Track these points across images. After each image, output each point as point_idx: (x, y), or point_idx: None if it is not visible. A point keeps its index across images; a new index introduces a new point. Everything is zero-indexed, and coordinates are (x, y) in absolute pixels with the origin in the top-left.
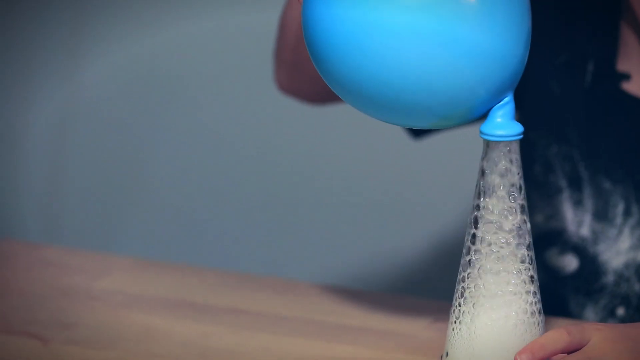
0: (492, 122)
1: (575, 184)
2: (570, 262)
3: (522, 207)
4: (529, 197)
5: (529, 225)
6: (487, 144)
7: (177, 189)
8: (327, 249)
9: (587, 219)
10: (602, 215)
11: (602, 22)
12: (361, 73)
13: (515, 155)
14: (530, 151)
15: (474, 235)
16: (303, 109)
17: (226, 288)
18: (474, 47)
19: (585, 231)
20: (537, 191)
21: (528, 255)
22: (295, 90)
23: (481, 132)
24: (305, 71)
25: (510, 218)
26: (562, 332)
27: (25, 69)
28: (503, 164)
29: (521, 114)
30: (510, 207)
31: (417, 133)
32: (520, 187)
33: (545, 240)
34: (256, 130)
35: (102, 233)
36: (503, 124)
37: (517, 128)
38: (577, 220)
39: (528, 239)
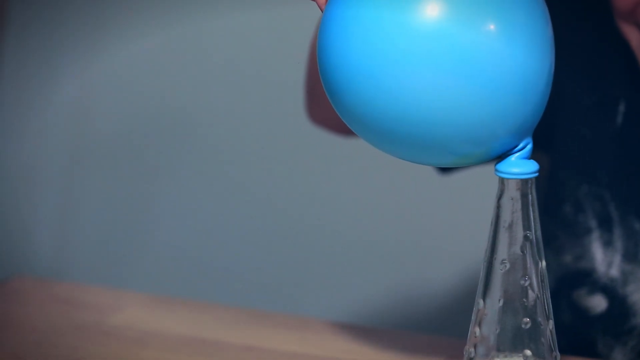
0: (508, 159)
1: (606, 225)
2: (600, 303)
3: (537, 246)
4: (557, 236)
5: (544, 263)
6: (503, 182)
7: (189, 225)
8: (341, 286)
9: (617, 259)
10: (632, 256)
11: (632, 62)
12: (374, 106)
13: (532, 193)
14: (560, 190)
15: (488, 274)
16: (316, 145)
17: (239, 325)
18: (493, 79)
19: (615, 272)
20: (566, 231)
21: (541, 294)
22: (327, 121)
23: (496, 170)
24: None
25: (525, 256)
26: None
27: (36, 107)
28: (518, 202)
29: (551, 154)
30: (525, 245)
31: (445, 168)
32: (535, 226)
33: (574, 280)
34: (269, 166)
35: (114, 269)
36: (519, 161)
37: (533, 166)
38: (606, 261)
39: (544, 279)
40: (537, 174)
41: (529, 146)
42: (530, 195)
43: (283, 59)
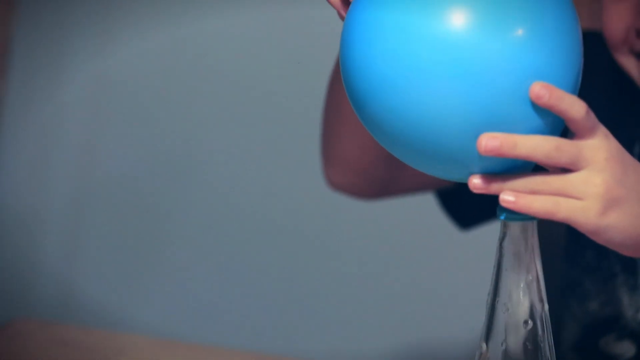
0: None
1: (630, 269)
2: (628, 349)
3: (539, 289)
4: (581, 283)
5: (546, 306)
6: (505, 225)
7: (193, 269)
8: (346, 330)
9: None
10: None
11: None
12: (398, 115)
13: (533, 237)
14: (582, 237)
15: (490, 317)
16: (319, 194)
17: None
18: (519, 88)
19: None
20: (591, 277)
21: (544, 337)
22: (345, 185)
23: (498, 213)
24: (355, 165)
25: (528, 299)
26: (551, 141)
27: (42, 149)
28: (521, 245)
29: None
30: (527, 288)
31: (466, 224)
32: (537, 268)
33: (601, 327)
34: (273, 210)
35: (118, 312)
36: None
37: None
38: (634, 305)
39: (546, 321)
40: (537, 218)
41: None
42: (531, 239)
43: (287, 104)
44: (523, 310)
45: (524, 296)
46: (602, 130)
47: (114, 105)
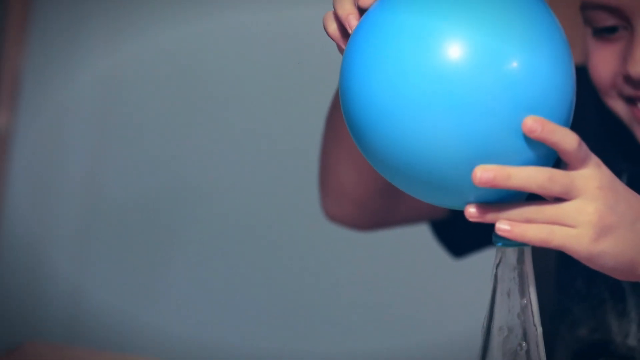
0: None
1: (618, 295)
2: None
3: (534, 313)
4: (571, 310)
5: (540, 329)
6: (501, 252)
7: (199, 291)
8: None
9: (633, 329)
10: None
11: (631, 135)
12: (396, 145)
13: (528, 263)
14: (571, 266)
15: (486, 340)
16: (312, 220)
17: None
18: (514, 119)
19: (632, 341)
20: (580, 304)
21: (538, 359)
22: (342, 216)
23: (494, 240)
24: (352, 196)
25: (523, 323)
26: (544, 172)
27: (49, 170)
28: (516, 271)
29: None
30: (522, 312)
31: (459, 252)
32: (531, 293)
33: (591, 353)
34: (275, 240)
35: (126, 334)
36: None
37: None
38: (623, 331)
39: (540, 344)
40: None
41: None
42: (526, 264)
43: (285, 138)
44: (518, 334)
45: (519, 320)
46: (594, 160)
47: (121, 119)
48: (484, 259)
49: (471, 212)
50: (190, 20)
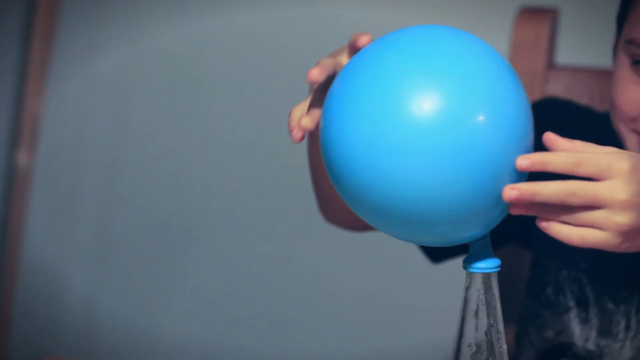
0: (474, 256)
1: (583, 304)
2: None
3: (499, 330)
4: (541, 314)
5: (505, 346)
6: (470, 275)
7: (208, 310)
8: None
9: (593, 334)
10: (606, 332)
11: None
12: (369, 190)
13: (495, 286)
14: (543, 274)
15: (457, 356)
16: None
17: None
18: (481, 168)
19: (591, 345)
20: (549, 310)
21: None
22: (335, 221)
23: (464, 265)
24: (338, 204)
25: (490, 340)
26: (573, 156)
27: (66, 199)
28: (483, 293)
29: (536, 244)
30: (489, 330)
31: (437, 258)
32: (497, 313)
33: (555, 354)
34: (283, 245)
35: (136, 348)
36: (484, 258)
37: (495, 262)
38: (584, 336)
39: (504, 359)
40: (499, 269)
41: (489, 241)
42: (493, 287)
43: (282, 155)
44: (485, 350)
45: (486, 338)
46: (625, 168)
47: (129, 171)
48: (455, 282)
49: (510, 194)
50: (194, 22)
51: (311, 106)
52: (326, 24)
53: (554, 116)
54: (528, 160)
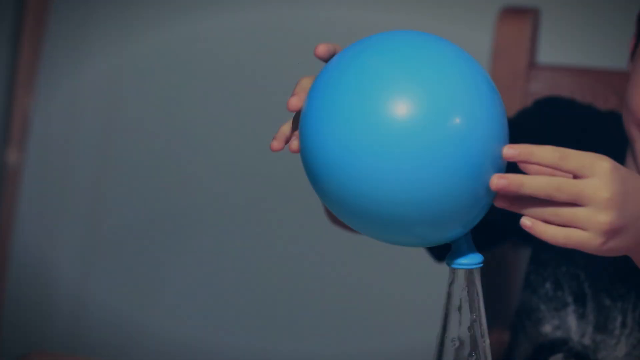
0: (458, 252)
1: (580, 300)
2: None
3: (482, 325)
4: (539, 309)
5: (488, 341)
6: (453, 271)
7: (196, 305)
8: None
9: (589, 330)
10: (602, 327)
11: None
12: (345, 190)
13: (478, 281)
14: (542, 270)
15: (440, 351)
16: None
17: None
18: (454, 170)
19: (587, 340)
20: (547, 304)
21: None
22: (337, 222)
23: (447, 261)
24: None
25: (473, 335)
26: (558, 150)
27: (55, 197)
28: (466, 288)
29: (536, 239)
30: (472, 326)
31: (441, 257)
32: (480, 309)
33: (552, 347)
34: (275, 240)
35: (126, 342)
36: (467, 254)
37: (478, 258)
38: (580, 331)
39: (488, 354)
40: (481, 265)
41: (470, 238)
42: (476, 283)
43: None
44: (468, 345)
45: (469, 333)
46: (605, 167)
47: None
48: (439, 278)
49: (500, 191)
50: (184, 23)
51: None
52: (326, 24)
53: (556, 114)
54: (514, 150)
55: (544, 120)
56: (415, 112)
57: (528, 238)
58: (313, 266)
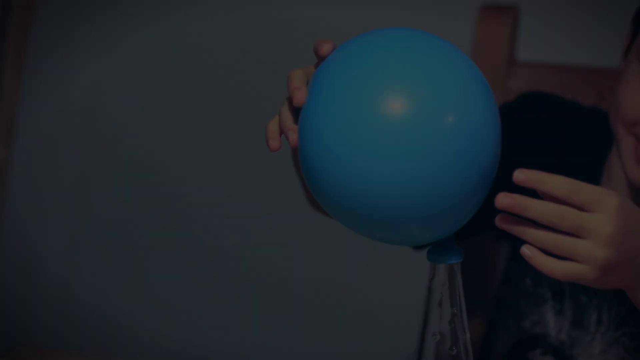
0: (438, 247)
1: (558, 297)
2: None
3: (462, 320)
4: (519, 305)
5: (468, 335)
6: (434, 267)
7: (185, 300)
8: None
9: (566, 326)
10: (578, 323)
11: (590, 154)
12: (341, 187)
13: (458, 277)
14: (522, 265)
15: (421, 344)
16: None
17: None
18: (450, 168)
19: (564, 336)
20: (526, 300)
21: None
22: (320, 208)
23: (428, 256)
24: None
25: (453, 329)
26: (569, 183)
27: (42, 193)
28: (447, 283)
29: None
30: (453, 320)
31: (420, 246)
32: (461, 303)
33: (530, 342)
34: (263, 236)
35: (112, 337)
36: (447, 249)
37: (459, 253)
38: (557, 327)
39: (468, 348)
40: (461, 260)
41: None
42: (456, 278)
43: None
44: (449, 339)
45: (450, 327)
46: (613, 203)
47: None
48: (419, 273)
49: (504, 209)
50: (170, 24)
51: (288, 118)
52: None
53: (539, 109)
54: (525, 175)
55: (528, 113)
56: (406, 110)
57: (507, 233)
58: (287, 261)
